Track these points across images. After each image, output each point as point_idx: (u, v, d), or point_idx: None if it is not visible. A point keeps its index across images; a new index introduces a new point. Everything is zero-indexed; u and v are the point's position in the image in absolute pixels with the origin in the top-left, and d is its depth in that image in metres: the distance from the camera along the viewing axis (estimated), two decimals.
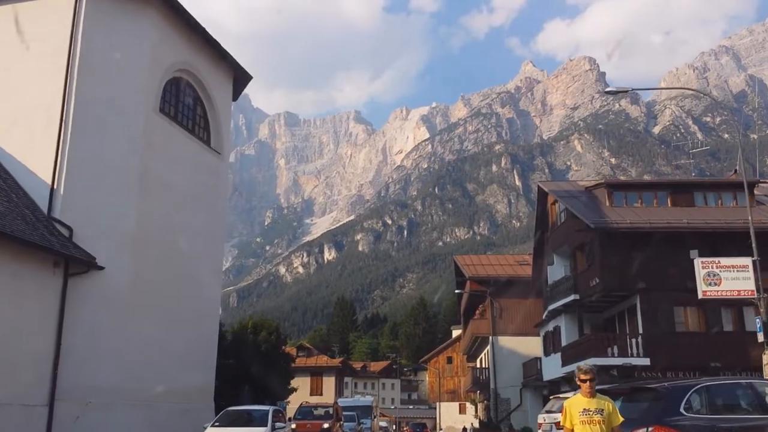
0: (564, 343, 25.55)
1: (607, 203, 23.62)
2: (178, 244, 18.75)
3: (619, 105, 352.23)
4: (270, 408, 15.15)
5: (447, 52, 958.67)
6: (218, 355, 28.22)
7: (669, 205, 23.38)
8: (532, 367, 32.39)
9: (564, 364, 24.61)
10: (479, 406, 45.50)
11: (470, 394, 49.63)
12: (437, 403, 60.03)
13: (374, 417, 34.09)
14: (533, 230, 32.80)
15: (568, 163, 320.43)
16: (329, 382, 52.13)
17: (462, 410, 56.49)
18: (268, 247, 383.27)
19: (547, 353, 29.36)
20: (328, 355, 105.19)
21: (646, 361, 20.71)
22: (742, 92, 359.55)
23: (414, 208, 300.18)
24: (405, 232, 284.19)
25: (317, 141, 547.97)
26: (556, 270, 26.45)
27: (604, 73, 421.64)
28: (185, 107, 19.98)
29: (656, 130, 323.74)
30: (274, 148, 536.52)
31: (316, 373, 52.54)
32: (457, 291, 42.23)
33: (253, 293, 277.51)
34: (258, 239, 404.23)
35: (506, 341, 35.75)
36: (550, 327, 28.39)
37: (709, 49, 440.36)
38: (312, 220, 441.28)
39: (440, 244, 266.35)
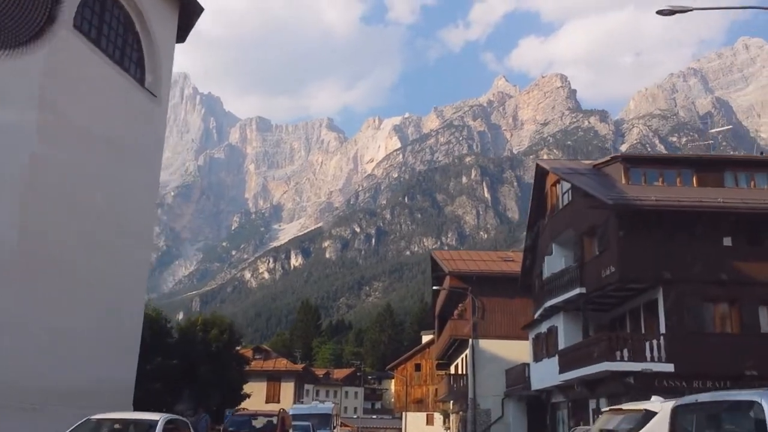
0: (562, 345, 21.66)
1: (623, 180, 19.73)
2: (92, 200, 14.51)
3: (588, 122, 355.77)
4: (161, 417, 10.44)
5: (422, 63, 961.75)
6: (161, 354, 24.07)
7: (694, 184, 19.61)
8: (517, 374, 28.58)
9: (562, 370, 20.79)
10: (453, 417, 41.02)
11: (441, 404, 45.72)
12: (403, 413, 55.80)
13: (334, 427, 29.72)
14: (500, 243, 28.78)
15: None
16: (288, 388, 47.55)
17: (429, 421, 52.64)
18: (234, 252, 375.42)
19: (537, 358, 25.50)
20: (289, 360, 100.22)
21: (670, 367, 16.89)
22: (708, 114, 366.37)
23: (383, 217, 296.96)
24: (373, 241, 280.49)
25: (288, 147, 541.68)
26: (555, 261, 22.58)
27: (575, 91, 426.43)
28: (112, 32, 15.78)
29: (624, 147, 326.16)
30: (245, 153, 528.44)
31: (274, 377, 47.99)
32: (435, 288, 36.83)
33: (216, 298, 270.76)
34: (224, 243, 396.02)
35: (488, 345, 31.68)
36: (544, 328, 24.54)
37: (678, 71, 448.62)
38: (280, 226, 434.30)
39: (408, 253, 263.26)
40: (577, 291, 20.26)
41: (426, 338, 57.95)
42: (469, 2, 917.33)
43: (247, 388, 34.85)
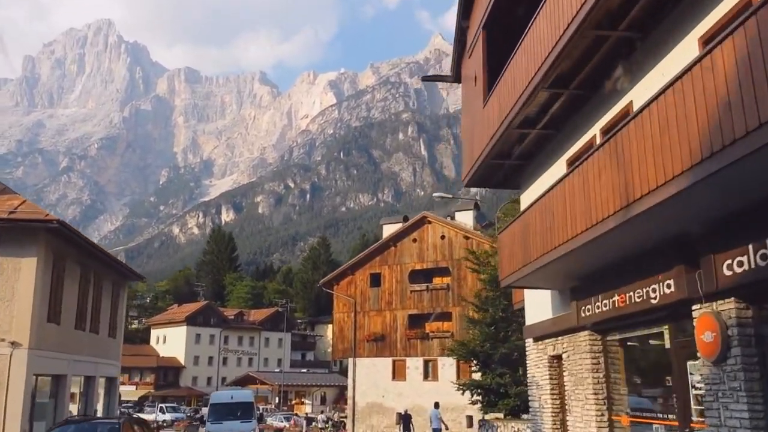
0: None
1: None
2: None
3: None
4: None
5: (358, 20, 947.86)
6: None
7: None
8: None
9: None
10: (558, 355, 11.96)
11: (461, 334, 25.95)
12: (349, 360, 34.40)
13: None
14: (437, 201, 14.32)
15: None
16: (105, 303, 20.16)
17: (399, 373, 32.99)
18: (162, 207, 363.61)
19: None
20: (193, 300, 78.18)
21: None
22: None
23: (318, 173, 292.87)
24: (308, 196, 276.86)
25: (219, 100, 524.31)
26: None
27: None
28: None
29: None
30: (173, 105, 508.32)
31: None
32: None
33: (143, 253, 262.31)
34: (152, 198, 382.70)
35: None
36: None
37: None
38: (211, 182, 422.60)
39: (343, 209, 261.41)
40: None
41: (389, 229, 35.56)
42: None
43: None
